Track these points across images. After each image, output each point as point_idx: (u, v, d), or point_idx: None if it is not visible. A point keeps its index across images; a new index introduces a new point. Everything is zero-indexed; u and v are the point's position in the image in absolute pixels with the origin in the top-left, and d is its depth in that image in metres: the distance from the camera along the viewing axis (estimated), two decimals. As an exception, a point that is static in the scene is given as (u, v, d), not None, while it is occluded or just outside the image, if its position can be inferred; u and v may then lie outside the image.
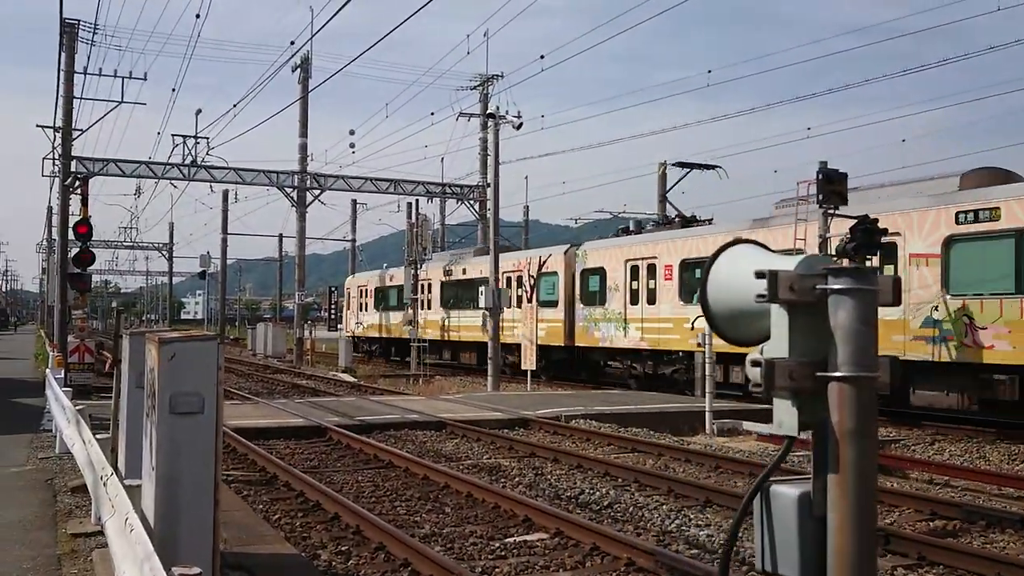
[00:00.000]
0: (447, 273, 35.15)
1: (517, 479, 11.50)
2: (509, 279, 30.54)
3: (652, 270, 24.18)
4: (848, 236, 15.76)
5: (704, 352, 17.94)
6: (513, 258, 31.24)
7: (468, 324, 32.32)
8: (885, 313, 18.48)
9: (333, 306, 53.55)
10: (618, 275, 25.34)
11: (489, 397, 21.96)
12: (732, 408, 18.85)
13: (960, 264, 16.66)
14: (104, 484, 5.52)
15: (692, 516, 9.33)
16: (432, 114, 36.80)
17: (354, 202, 61.20)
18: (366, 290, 44.28)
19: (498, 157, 26.60)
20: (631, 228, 28.28)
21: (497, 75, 39.20)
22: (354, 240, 63.30)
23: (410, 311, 37.47)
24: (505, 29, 39.16)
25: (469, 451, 13.98)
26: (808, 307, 2.43)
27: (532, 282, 29.34)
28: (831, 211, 15.85)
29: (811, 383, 2.51)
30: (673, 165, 27.22)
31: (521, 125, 25.76)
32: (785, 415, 2.66)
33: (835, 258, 16.44)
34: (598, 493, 10.43)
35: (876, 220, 15.86)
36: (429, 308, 36.50)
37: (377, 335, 41.57)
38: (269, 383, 29.74)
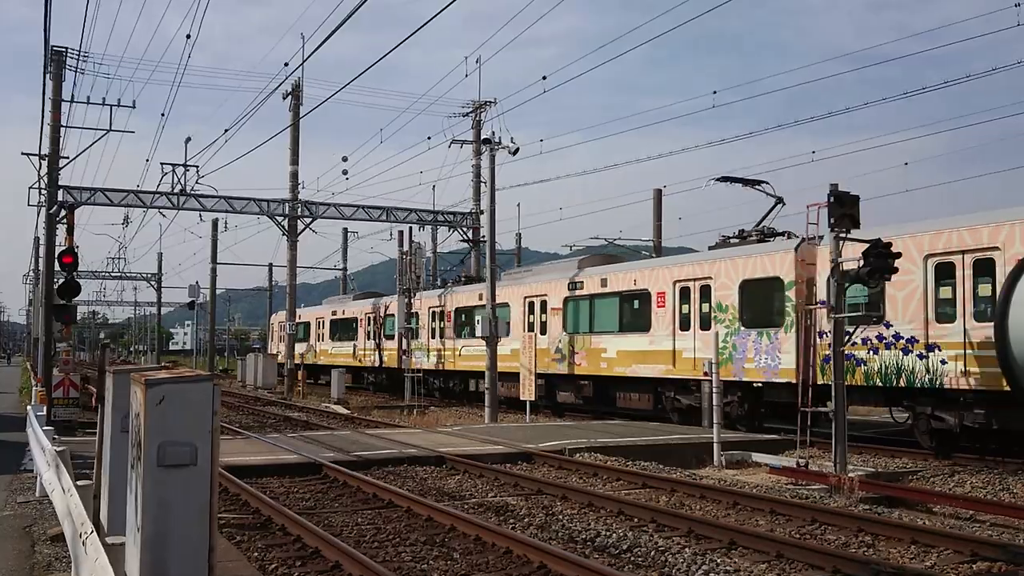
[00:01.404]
0: (334, 313, 46.51)
1: (527, 519, 10.86)
2: (369, 317, 41.37)
3: (442, 315, 34.23)
4: (861, 260, 15.29)
5: (711, 381, 17.39)
6: (369, 303, 41.92)
7: (345, 352, 43.88)
8: (540, 343, 27.06)
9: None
10: (425, 318, 35.40)
11: (488, 429, 21.30)
12: (739, 439, 18.30)
13: (571, 314, 26.70)
14: (83, 543, 4.91)
15: (719, 560, 8.71)
16: (429, 138, 36.35)
17: (345, 230, 60.72)
18: (282, 324, 54.19)
19: (494, 183, 26.13)
20: (438, 283, 39.86)
21: (490, 101, 38.83)
22: (345, 269, 62.70)
23: (314, 342, 48.43)
24: (499, 58, 38.90)
25: (473, 488, 13.33)
26: None
27: (380, 321, 39.49)
28: (843, 235, 15.33)
29: None
30: (460, 241, 39.92)
31: (518, 150, 25.30)
32: None
33: (846, 284, 15.97)
34: (615, 535, 9.80)
35: (890, 244, 15.43)
36: (321, 340, 47.76)
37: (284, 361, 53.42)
38: (260, 416, 28.99)
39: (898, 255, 14.99)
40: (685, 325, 22.11)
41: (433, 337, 34.75)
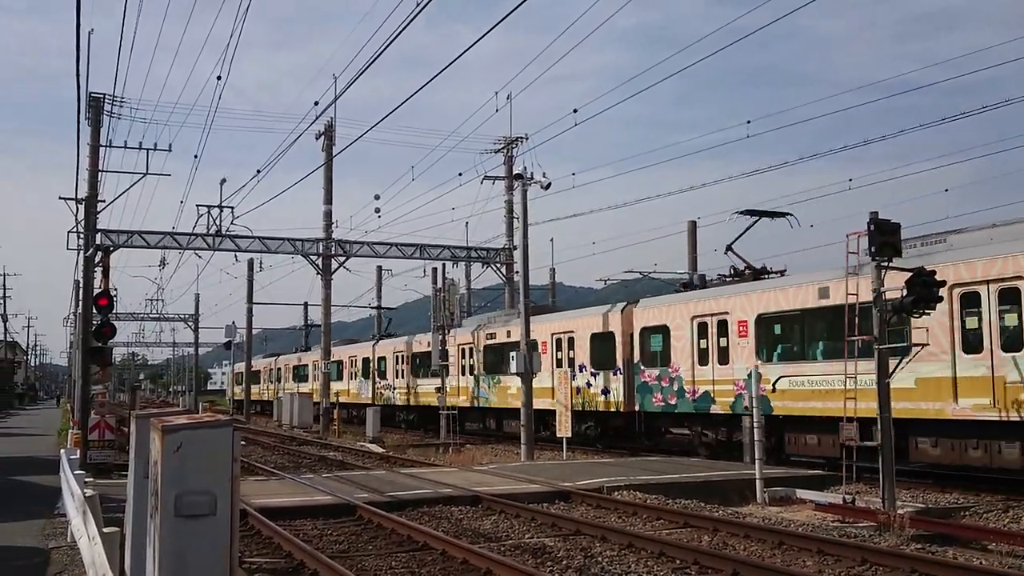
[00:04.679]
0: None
1: (565, 562, 10.54)
2: (285, 368, 60.54)
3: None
4: (904, 290, 14.89)
5: (752, 416, 16.99)
6: (285, 359, 60.58)
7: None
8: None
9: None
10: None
11: (524, 467, 20.97)
12: (783, 475, 17.83)
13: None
14: (103, 596, 4.74)
15: (766, 605, 8.35)
16: (460, 174, 36.36)
17: (379, 268, 60.77)
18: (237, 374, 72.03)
19: (526, 218, 26.00)
20: (296, 349, 59.97)
21: (521, 137, 38.82)
22: (379, 307, 62.75)
23: (269, 385, 64.53)
24: (530, 93, 38.82)
25: (509, 529, 13.03)
26: None
27: (291, 371, 58.40)
28: (885, 263, 14.95)
29: None
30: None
31: (549, 185, 25.18)
32: None
33: (891, 315, 15.54)
34: (656, 578, 9.46)
35: (933, 272, 15.04)
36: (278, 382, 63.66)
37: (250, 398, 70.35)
38: (295, 456, 28.86)
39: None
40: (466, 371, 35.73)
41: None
